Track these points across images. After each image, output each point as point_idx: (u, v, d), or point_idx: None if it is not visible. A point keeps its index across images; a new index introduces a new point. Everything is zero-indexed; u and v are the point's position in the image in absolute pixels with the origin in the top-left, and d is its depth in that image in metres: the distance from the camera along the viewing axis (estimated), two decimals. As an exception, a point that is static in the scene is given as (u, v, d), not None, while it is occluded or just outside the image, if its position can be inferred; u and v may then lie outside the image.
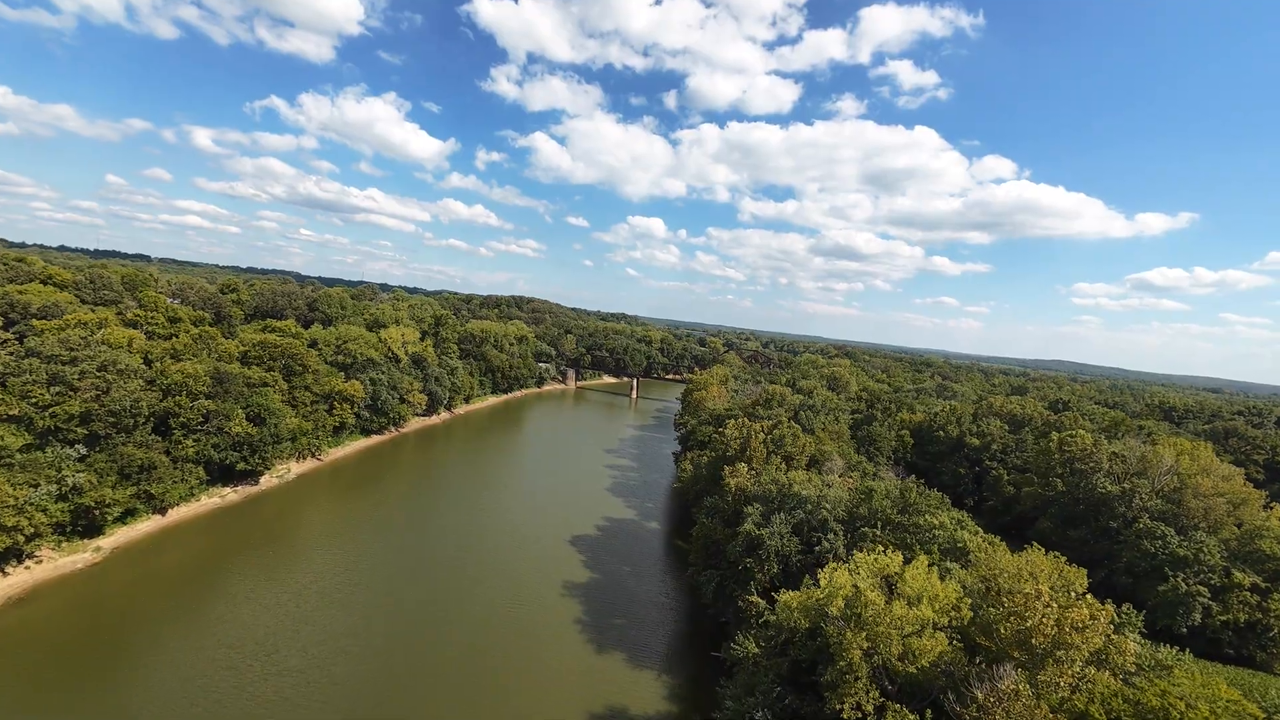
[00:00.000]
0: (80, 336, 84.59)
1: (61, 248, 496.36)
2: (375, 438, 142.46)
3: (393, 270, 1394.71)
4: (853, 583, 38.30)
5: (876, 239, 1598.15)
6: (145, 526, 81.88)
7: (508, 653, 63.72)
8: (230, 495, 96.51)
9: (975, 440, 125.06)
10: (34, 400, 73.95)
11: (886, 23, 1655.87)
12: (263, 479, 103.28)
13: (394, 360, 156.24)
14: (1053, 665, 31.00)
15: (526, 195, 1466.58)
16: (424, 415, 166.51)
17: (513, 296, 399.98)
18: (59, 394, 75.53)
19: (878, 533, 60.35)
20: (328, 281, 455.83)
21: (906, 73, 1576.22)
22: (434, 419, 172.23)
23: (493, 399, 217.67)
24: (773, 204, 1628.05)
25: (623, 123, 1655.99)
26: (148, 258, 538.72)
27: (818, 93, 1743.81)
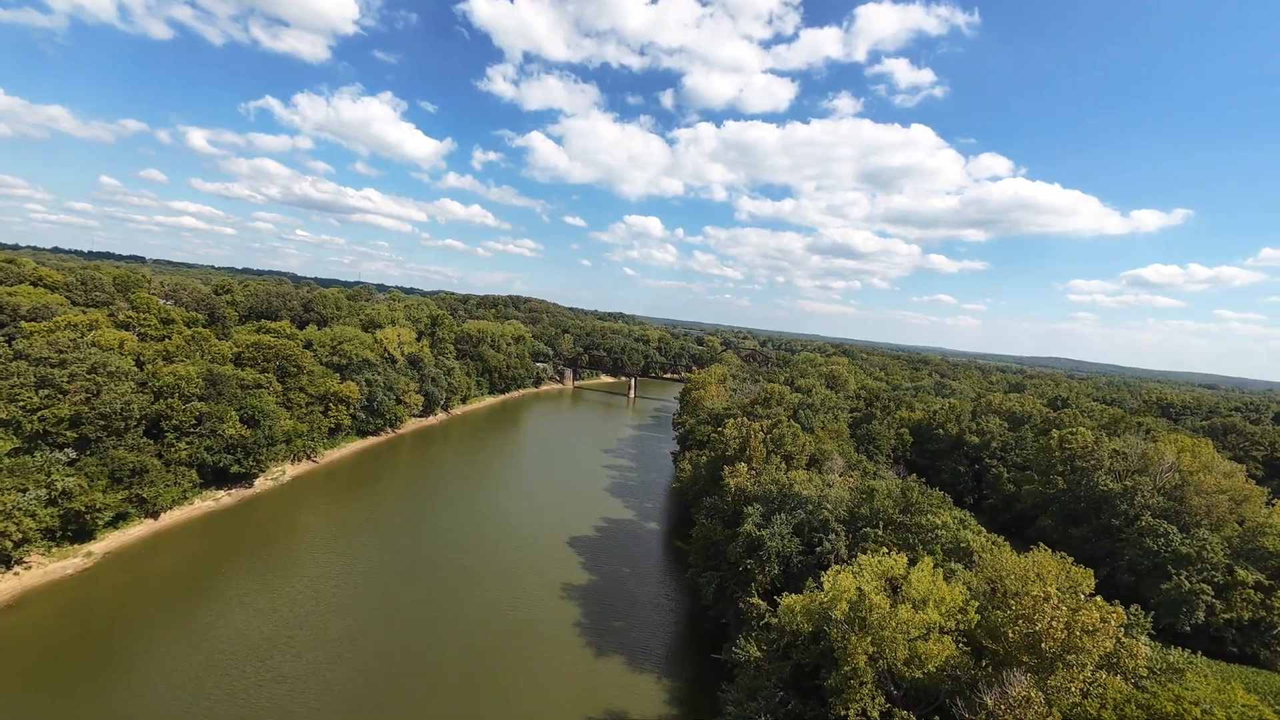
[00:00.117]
0: (70, 339, 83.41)
1: (55, 249, 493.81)
2: (371, 439, 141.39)
3: (389, 271, 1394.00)
4: (857, 585, 37.51)
5: (873, 237, 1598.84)
6: (137, 531, 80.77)
7: (506, 654, 63.08)
8: (224, 498, 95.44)
9: (975, 438, 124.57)
10: (22, 403, 72.81)
11: (882, 21, 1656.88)
12: (257, 482, 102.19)
13: (390, 361, 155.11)
14: (1063, 669, 30.28)
15: (523, 195, 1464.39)
16: (420, 416, 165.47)
17: (510, 296, 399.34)
18: (48, 397, 74.41)
19: (880, 533, 59.65)
20: (324, 282, 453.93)
21: (902, 71, 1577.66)
22: (431, 420, 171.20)
23: (490, 399, 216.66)
24: (770, 203, 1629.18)
25: (619, 122, 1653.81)
26: (142, 259, 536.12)
27: (814, 91, 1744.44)
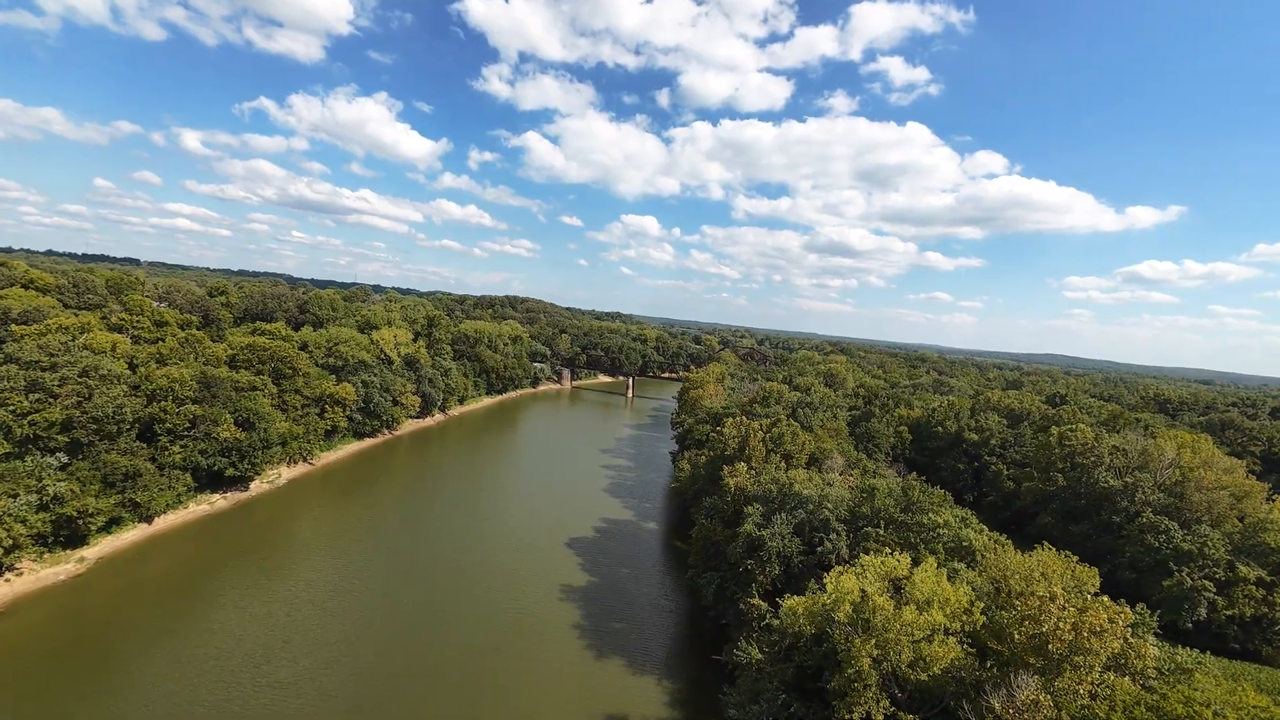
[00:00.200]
0: (61, 342, 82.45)
1: (49, 252, 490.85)
2: (368, 441, 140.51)
3: (386, 272, 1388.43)
4: (860, 587, 36.97)
5: (870, 235, 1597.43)
6: (131, 535, 79.87)
7: (506, 654, 62.70)
8: (219, 502, 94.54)
9: (974, 435, 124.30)
10: (12, 408, 71.86)
11: (877, 19, 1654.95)
12: (253, 485, 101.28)
13: (386, 362, 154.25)
14: (1070, 671, 29.80)
15: (520, 195, 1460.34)
16: (418, 417, 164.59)
17: (507, 296, 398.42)
18: (38, 401, 73.49)
19: (881, 532, 59.17)
20: (320, 283, 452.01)
21: (898, 69, 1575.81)
22: (428, 421, 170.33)
23: (487, 400, 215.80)
24: (766, 201, 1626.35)
25: (615, 121, 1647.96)
26: (137, 261, 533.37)
27: (810, 90, 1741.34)
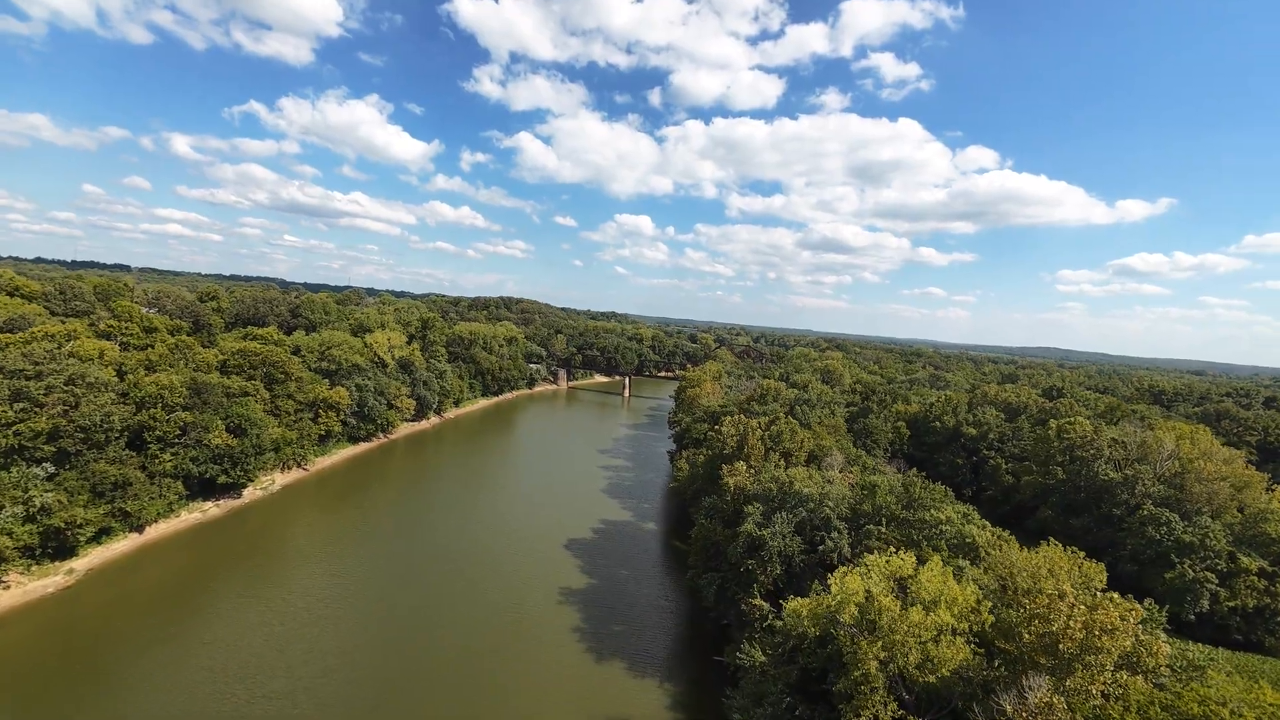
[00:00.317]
0: (46, 350, 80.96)
1: (38, 259, 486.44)
2: (363, 445, 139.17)
3: (379, 274, 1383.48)
4: (865, 588, 36.27)
5: (863, 231, 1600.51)
6: (121, 546, 78.53)
7: (505, 656, 62.18)
8: (212, 510, 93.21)
9: (972, 430, 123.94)
10: (-3, 418, 70.44)
11: (867, 16, 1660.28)
12: (246, 492, 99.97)
13: (380, 365, 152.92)
14: (1081, 671, 29.17)
15: (513, 196, 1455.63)
16: (413, 421, 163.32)
17: (501, 298, 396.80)
18: (23, 410, 72.02)
19: (883, 530, 58.57)
20: (313, 287, 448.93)
21: (889, 65, 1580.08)
22: (423, 424, 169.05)
23: (483, 402, 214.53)
24: (760, 199, 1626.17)
25: (608, 121, 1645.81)
26: (128, 268, 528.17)
27: (801, 87, 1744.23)
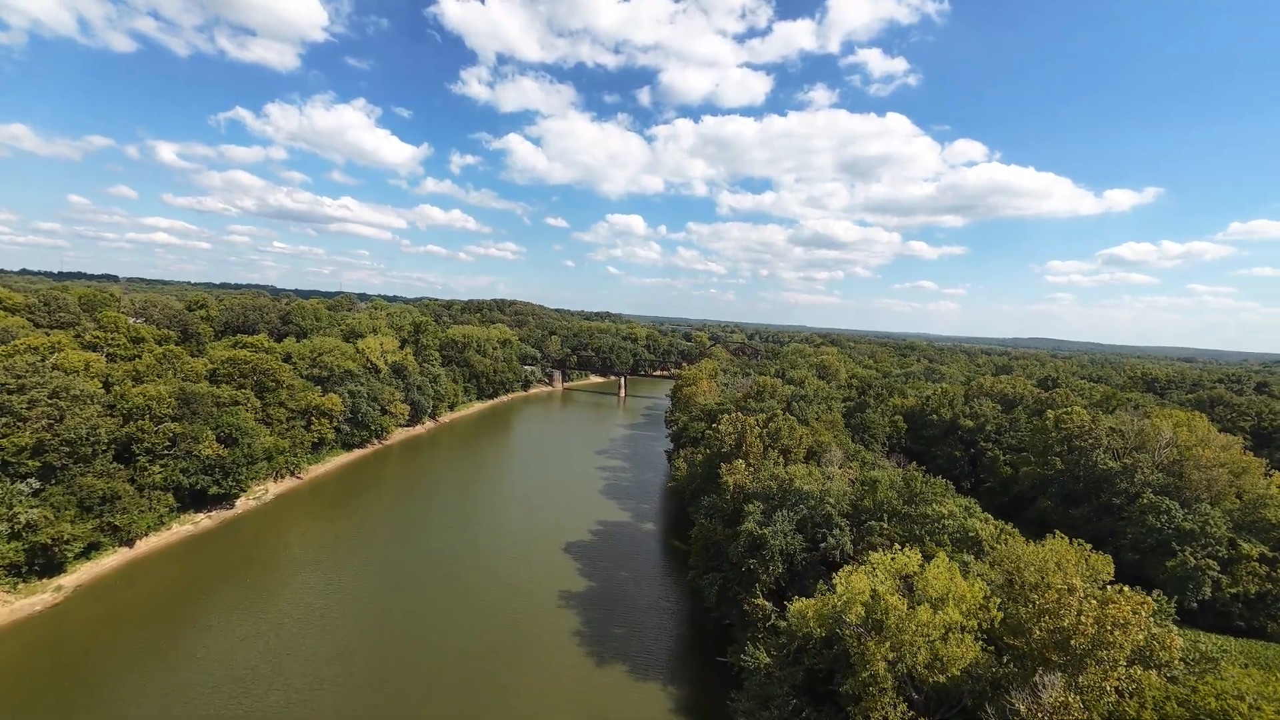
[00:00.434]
0: (29, 362, 79.20)
1: (23, 271, 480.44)
2: (357, 452, 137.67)
3: (371, 279, 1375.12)
4: (871, 587, 35.60)
5: (854, 226, 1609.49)
6: (111, 560, 77.01)
7: (504, 658, 61.59)
8: (204, 521, 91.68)
9: (969, 422, 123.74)
10: (-21, 433, 68.87)
11: (854, 11, 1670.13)
12: (238, 502, 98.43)
13: (373, 371, 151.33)
14: (1094, 666, 28.58)
15: (504, 198, 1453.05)
16: (408, 426, 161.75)
17: (494, 300, 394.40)
18: (6, 425, 70.43)
19: (885, 526, 57.97)
20: (304, 294, 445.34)
21: (876, 61, 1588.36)
22: (418, 429, 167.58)
23: (478, 405, 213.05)
24: (750, 196, 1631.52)
25: (597, 121, 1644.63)
26: (115, 278, 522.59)
27: (790, 84, 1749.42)
